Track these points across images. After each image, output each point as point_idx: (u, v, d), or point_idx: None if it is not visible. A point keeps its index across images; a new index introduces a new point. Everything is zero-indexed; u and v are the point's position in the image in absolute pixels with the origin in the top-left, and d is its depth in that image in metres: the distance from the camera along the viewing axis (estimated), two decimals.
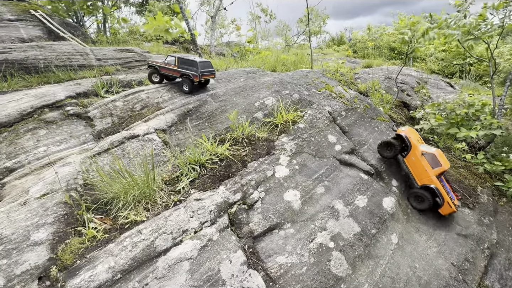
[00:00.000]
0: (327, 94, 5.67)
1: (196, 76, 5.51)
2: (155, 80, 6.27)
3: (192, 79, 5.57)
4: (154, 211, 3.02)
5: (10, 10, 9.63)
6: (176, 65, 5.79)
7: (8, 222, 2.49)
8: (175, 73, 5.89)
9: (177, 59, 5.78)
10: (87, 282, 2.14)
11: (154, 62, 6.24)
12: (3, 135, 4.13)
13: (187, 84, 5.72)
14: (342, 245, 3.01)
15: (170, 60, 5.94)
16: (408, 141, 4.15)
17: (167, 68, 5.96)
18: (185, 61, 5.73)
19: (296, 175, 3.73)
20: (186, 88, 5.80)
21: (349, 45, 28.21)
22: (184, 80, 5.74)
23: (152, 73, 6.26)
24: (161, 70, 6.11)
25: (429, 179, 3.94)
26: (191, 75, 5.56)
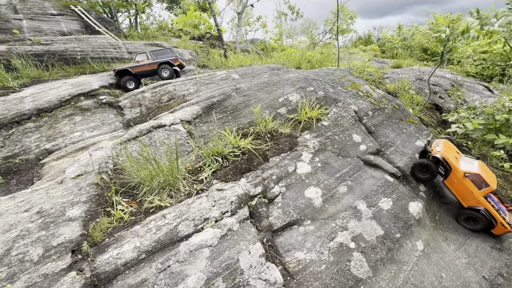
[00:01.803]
0: (354, 92, 5.49)
1: (176, 60, 6.00)
2: (129, 87, 6.00)
3: (173, 64, 5.98)
4: (177, 198, 3.11)
5: (53, 5, 10.34)
6: (150, 59, 6.05)
7: (47, 198, 2.69)
8: (151, 66, 6.07)
9: (148, 53, 6.08)
10: (115, 259, 2.26)
11: (122, 67, 6.09)
12: (44, 119, 4.47)
13: (167, 70, 6.03)
14: (364, 247, 2.92)
15: (141, 58, 6.09)
16: (447, 163, 3.76)
17: (141, 65, 6.03)
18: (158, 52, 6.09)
19: (318, 173, 3.67)
20: (165, 74, 6.04)
21: (377, 45, 27.15)
22: (163, 67, 6.03)
23: (126, 81, 5.98)
24: (134, 70, 6.04)
25: (476, 201, 3.62)
26: (170, 61, 5.97)
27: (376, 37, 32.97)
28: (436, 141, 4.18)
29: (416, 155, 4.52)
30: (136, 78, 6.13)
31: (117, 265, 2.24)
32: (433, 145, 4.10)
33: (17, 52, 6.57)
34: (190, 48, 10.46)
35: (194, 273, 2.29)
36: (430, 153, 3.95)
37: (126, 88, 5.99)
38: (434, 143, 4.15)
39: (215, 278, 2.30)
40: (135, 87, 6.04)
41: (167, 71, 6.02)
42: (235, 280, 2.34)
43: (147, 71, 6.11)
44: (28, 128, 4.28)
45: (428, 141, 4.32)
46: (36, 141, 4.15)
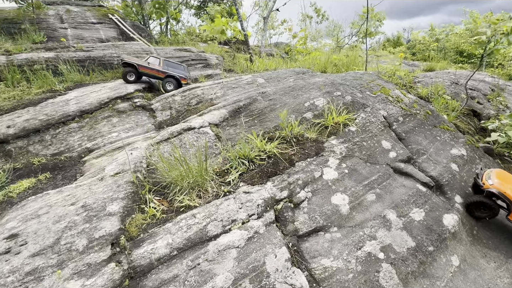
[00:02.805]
0: (383, 97, 5.32)
1: (184, 79, 6.17)
2: (130, 79, 6.19)
3: (179, 81, 6.15)
4: (205, 199, 3.23)
5: (93, 14, 11.20)
6: (161, 66, 6.10)
7: (90, 193, 2.93)
8: (158, 73, 6.13)
9: (162, 60, 6.14)
10: (149, 254, 2.40)
11: (131, 60, 6.20)
12: (85, 120, 4.85)
13: (172, 84, 6.13)
14: (393, 258, 2.81)
15: (153, 61, 6.15)
16: (507, 198, 3.30)
17: (149, 68, 6.11)
18: (172, 63, 6.17)
19: (345, 179, 3.60)
20: (169, 87, 6.13)
21: (406, 47, 25.97)
22: (169, 80, 6.14)
23: (127, 72, 6.15)
24: (139, 69, 6.15)
25: None
26: (178, 77, 6.13)
27: (406, 38, 31.58)
28: (487, 172, 3.71)
29: (451, 165, 4.27)
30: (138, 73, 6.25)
31: (151, 259, 2.37)
32: (484, 177, 3.63)
33: (63, 58, 7.21)
34: (216, 53, 10.77)
35: (222, 273, 2.36)
36: (482, 187, 3.51)
37: (126, 79, 6.20)
38: (485, 175, 3.67)
39: (242, 279, 2.36)
40: (134, 81, 6.25)
41: (171, 85, 6.13)
42: (262, 282, 2.37)
43: (152, 75, 6.20)
44: (72, 128, 4.69)
45: (476, 174, 3.80)
46: (79, 140, 4.52)
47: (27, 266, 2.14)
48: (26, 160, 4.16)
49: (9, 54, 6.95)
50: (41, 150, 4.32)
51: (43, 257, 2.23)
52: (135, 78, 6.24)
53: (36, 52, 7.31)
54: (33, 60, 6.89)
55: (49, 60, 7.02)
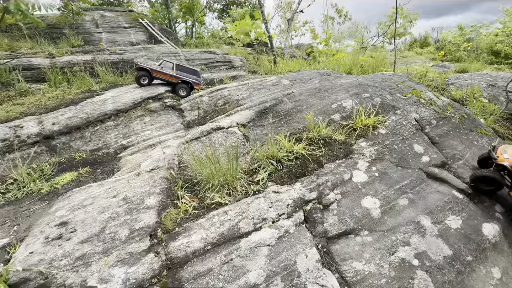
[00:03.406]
0: (414, 99, 5.14)
1: (197, 85, 6.16)
2: (143, 82, 6.22)
3: (193, 86, 6.16)
4: (235, 197, 3.30)
5: (125, 19, 11.81)
6: (174, 71, 6.12)
7: (129, 187, 3.12)
8: (172, 78, 6.13)
9: (175, 65, 6.13)
10: (185, 247, 2.51)
11: (144, 65, 6.22)
12: (120, 119, 5.15)
13: (185, 89, 6.13)
14: (429, 266, 2.71)
15: (166, 65, 6.15)
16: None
17: (162, 73, 6.12)
18: (184, 68, 6.16)
19: (375, 183, 3.53)
20: (182, 93, 6.13)
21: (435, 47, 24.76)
22: (182, 86, 6.13)
23: (141, 76, 6.20)
24: (153, 73, 6.16)
25: None
26: (191, 82, 6.12)
27: (435, 38, 30.11)
28: (503, 147, 3.61)
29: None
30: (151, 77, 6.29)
31: (187, 252, 2.48)
32: (499, 151, 3.54)
33: (99, 60, 7.70)
34: (240, 55, 10.95)
35: (254, 269, 2.41)
36: (496, 160, 3.43)
37: (139, 82, 6.25)
38: (501, 149, 3.57)
39: (274, 277, 2.39)
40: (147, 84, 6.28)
41: (184, 91, 6.14)
42: (293, 281, 2.39)
43: (166, 79, 6.23)
44: (109, 126, 4.99)
45: (493, 146, 3.73)
46: (115, 138, 4.81)
47: (77, 252, 2.32)
48: (69, 155, 4.49)
49: (53, 57, 7.54)
50: (81, 146, 4.64)
51: (90, 244, 2.41)
52: (148, 82, 6.31)
53: (75, 55, 7.86)
54: (73, 62, 7.42)
55: (87, 63, 7.52)
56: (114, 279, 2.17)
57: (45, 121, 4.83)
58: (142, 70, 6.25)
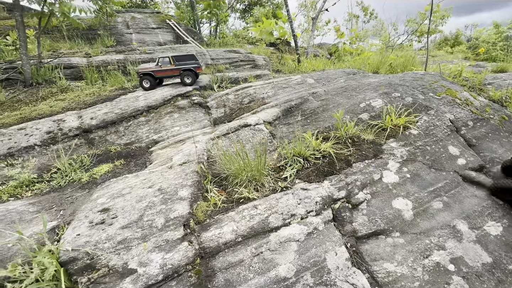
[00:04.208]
0: (449, 100, 4.90)
1: (199, 68, 6.14)
2: (146, 86, 6.25)
3: (196, 72, 6.12)
4: (262, 193, 3.35)
5: (154, 20, 12.29)
6: (173, 64, 6.12)
7: (163, 179, 3.27)
8: (173, 72, 6.16)
9: (171, 58, 6.10)
10: (217, 237, 2.59)
11: (145, 69, 6.24)
12: (151, 115, 5.39)
13: (190, 77, 6.15)
14: (466, 272, 2.59)
15: (164, 62, 6.13)
16: None
17: (163, 70, 6.11)
18: (181, 57, 6.13)
19: (407, 184, 3.42)
20: (188, 80, 6.16)
21: (467, 46, 23.32)
22: (186, 74, 6.15)
23: (143, 80, 6.22)
24: (156, 74, 6.16)
25: None
26: (192, 68, 6.10)
27: (467, 36, 28.35)
28: None
29: None
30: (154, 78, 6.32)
31: (218, 243, 2.56)
32: None
33: (130, 60, 8.10)
34: (263, 54, 11.00)
35: (284, 263, 2.45)
36: None
37: (143, 86, 6.31)
38: None
39: (303, 272, 2.41)
40: (151, 87, 6.31)
41: (189, 78, 6.20)
42: (323, 278, 2.40)
43: (169, 76, 6.32)
44: (141, 122, 5.25)
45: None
46: (146, 133, 5.05)
47: (119, 236, 2.49)
48: (105, 148, 4.78)
49: (89, 56, 8.05)
50: (116, 140, 4.92)
51: (130, 230, 2.57)
52: (152, 84, 6.31)
53: (109, 55, 8.33)
54: (107, 61, 7.87)
55: (120, 62, 7.94)
56: (152, 264, 2.30)
57: (84, 116, 5.18)
58: (145, 75, 6.31)
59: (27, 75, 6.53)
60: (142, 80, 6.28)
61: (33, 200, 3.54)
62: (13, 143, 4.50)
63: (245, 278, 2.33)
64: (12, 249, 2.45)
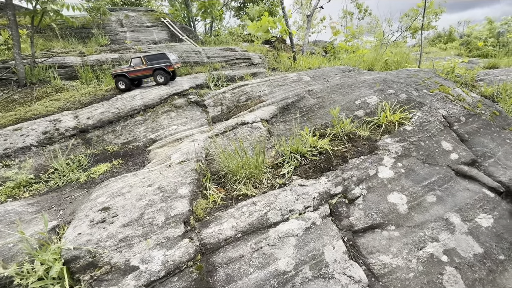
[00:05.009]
0: (442, 96, 5.00)
1: (170, 66, 6.06)
2: (121, 87, 6.24)
3: (167, 70, 6.08)
4: (260, 189, 3.41)
5: (148, 19, 12.19)
6: (145, 64, 6.13)
7: (162, 177, 3.30)
8: (146, 71, 6.16)
9: (143, 58, 6.11)
10: (217, 234, 2.64)
11: (119, 71, 6.23)
12: (148, 114, 5.39)
13: (162, 76, 6.15)
14: (458, 262, 2.69)
15: (136, 62, 6.13)
16: None
17: (136, 71, 6.11)
18: (152, 57, 6.14)
19: (401, 179, 3.51)
20: (161, 80, 6.15)
21: (460, 42, 23.61)
22: (159, 73, 6.16)
23: (118, 81, 6.23)
24: (130, 75, 6.15)
25: None
26: (164, 67, 6.07)
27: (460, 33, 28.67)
28: None
29: None
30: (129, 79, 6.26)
31: (219, 239, 2.61)
32: None
33: (125, 58, 8.04)
34: (258, 52, 11.01)
35: (283, 257, 2.51)
36: None
37: (118, 87, 6.27)
38: None
39: (302, 265, 2.48)
40: (127, 88, 6.27)
41: (162, 78, 6.18)
42: (321, 271, 2.47)
43: (142, 76, 6.29)
44: (138, 121, 5.25)
45: None
46: (144, 132, 5.05)
47: (120, 234, 2.52)
48: (102, 147, 4.78)
49: (83, 55, 7.97)
50: (113, 139, 4.92)
51: (131, 228, 2.60)
52: (128, 86, 6.26)
53: (103, 54, 8.26)
54: (102, 60, 7.81)
55: (115, 61, 7.89)
56: (154, 260, 2.34)
57: (80, 116, 5.16)
58: (119, 76, 6.28)
59: (20, 75, 6.46)
60: (117, 81, 6.27)
61: (32, 201, 3.54)
62: (9, 144, 4.47)
63: (246, 273, 2.38)
64: (13, 249, 2.47)
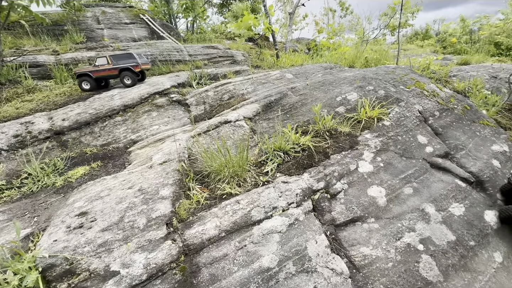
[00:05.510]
0: (418, 91, 5.21)
1: (137, 67, 5.83)
2: (86, 87, 5.98)
3: (134, 71, 5.83)
4: (244, 188, 3.41)
5: (126, 15, 11.79)
6: (111, 64, 5.88)
7: (143, 179, 3.22)
8: (112, 71, 5.89)
9: (109, 57, 5.86)
10: (200, 234, 2.62)
11: (82, 70, 5.98)
12: (128, 114, 5.23)
13: (129, 77, 5.88)
14: (433, 250, 2.83)
15: (101, 62, 5.88)
16: None
17: (101, 70, 5.86)
18: (119, 56, 5.89)
19: (380, 172, 3.63)
20: (128, 81, 5.87)
21: (436, 40, 24.64)
22: (125, 74, 5.89)
23: (82, 81, 5.97)
24: (94, 75, 5.90)
25: None
26: (131, 67, 5.82)
27: (436, 31, 29.89)
28: None
29: (493, 161, 4.12)
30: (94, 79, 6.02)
31: (202, 239, 2.60)
32: None
33: None
34: (241, 50, 10.95)
35: (267, 254, 2.53)
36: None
37: (82, 88, 5.98)
38: None
39: (286, 261, 2.51)
40: (92, 88, 6.02)
41: (129, 79, 5.90)
42: (304, 265, 2.52)
43: (108, 76, 6.02)
44: (117, 121, 5.08)
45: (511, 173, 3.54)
46: (124, 132, 4.90)
47: (99, 239, 2.44)
48: (80, 150, 4.60)
49: (57, 54, 7.59)
50: (92, 141, 4.74)
51: (110, 232, 2.52)
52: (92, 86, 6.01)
53: (79, 52, 7.91)
54: (77, 59, 7.47)
55: (91, 59, 7.57)
56: (135, 264, 2.29)
57: (55, 117, 4.92)
58: (82, 76, 5.98)
59: None
60: (81, 81, 5.92)
61: (3, 208, 3.35)
62: None
63: (230, 271, 2.39)
64: None
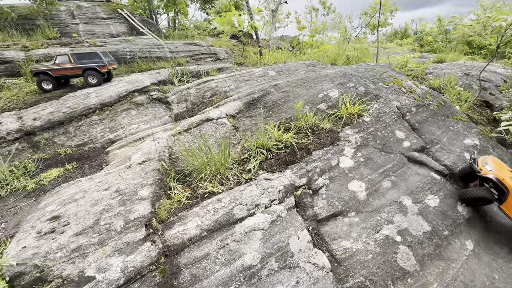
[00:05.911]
0: (396, 88, 5.37)
1: (104, 67, 5.52)
2: (46, 87, 5.58)
3: (100, 71, 5.53)
4: (227, 186, 3.37)
5: (103, 10, 11.30)
6: (74, 62, 5.54)
7: (121, 179, 3.10)
8: (74, 71, 5.55)
9: (70, 56, 5.54)
10: (181, 234, 2.56)
11: (40, 68, 5.60)
12: (106, 113, 5.02)
13: (94, 77, 5.58)
14: (410, 241, 2.93)
15: (62, 60, 5.55)
16: (504, 185, 3.19)
17: (62, 69, 5.53)
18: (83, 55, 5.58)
19: (361, 167, 3.71)
20: (93, 81, 5.57)
21: (414, 38, 25.57)
22: (90, 74, 5.59)
23: (42, 80, 5.58)
24: (54, 74, 5.56)
25: None
26: (97, 67, 5.52)
27: (414, 30, 31.02)
28: (482, 158, 3.60)
29: (465, 154, 4.33)
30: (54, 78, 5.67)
31: (183, 239, 2.54)
32: (481, 163, 3.51)
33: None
34: (225, 47, 10.83)
35: (249, 252, 2.52)
36: (479, 174, 3.38)
37: (42, 88, 5.57)
38: (481, 161, 3.55)
39: (268, 258, 2.51)
40: (53, 88, 5.65)
41: (94, 79, 5.59)
42: (286, 261, 2.52)
43: (69, 75, 5.66)
44: (94, 120, 4.86)
45: (473, 159, 3.66)
46: (101, 132, 4.70)
47: (73, 244, 2.32)
48: (53, 151, 4.36)
49: (27, 50, 7.15)
50: (66, 141, 4.51)
51: (85, 236, 2.41)
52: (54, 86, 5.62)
53: (52, 48, 7.49)
54: (50, 55, 7.07)
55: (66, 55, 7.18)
56: (112, 268, 2.20)
57: (25, 117, 4.64)
58: (41, 75, 5.55)
59: None
60: (41, 80, 5.47)
61: None
62: None
63: (211, 271, 2.35)
64: None
